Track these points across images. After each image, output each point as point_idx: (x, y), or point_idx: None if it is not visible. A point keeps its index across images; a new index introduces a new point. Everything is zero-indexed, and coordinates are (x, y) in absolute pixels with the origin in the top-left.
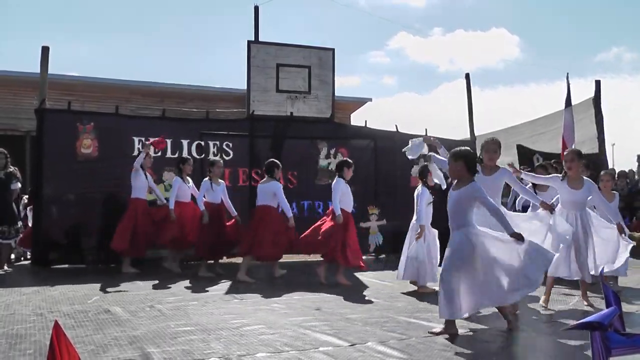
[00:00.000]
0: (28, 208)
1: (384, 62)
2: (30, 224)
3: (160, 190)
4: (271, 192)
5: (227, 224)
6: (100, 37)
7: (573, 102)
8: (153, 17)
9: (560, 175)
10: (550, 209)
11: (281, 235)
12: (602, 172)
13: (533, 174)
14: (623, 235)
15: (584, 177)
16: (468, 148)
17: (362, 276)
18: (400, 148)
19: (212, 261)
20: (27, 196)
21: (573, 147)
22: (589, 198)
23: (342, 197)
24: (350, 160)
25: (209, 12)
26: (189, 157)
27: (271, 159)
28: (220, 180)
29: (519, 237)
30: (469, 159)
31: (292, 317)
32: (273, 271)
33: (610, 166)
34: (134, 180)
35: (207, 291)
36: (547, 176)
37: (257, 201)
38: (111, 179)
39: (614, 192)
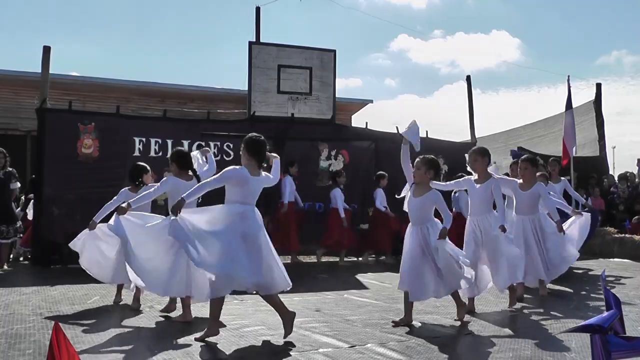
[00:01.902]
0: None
1: (385, 64)
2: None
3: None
4: None
5: None
6: (101, 37)
7: (574, 105)
8: (154, 17)
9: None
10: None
11: None
12: (520, 160)
13: None
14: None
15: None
16: (262, 137)
17: (362, 277)
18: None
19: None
20: (23, 196)
21: (574, 150)
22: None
23: None
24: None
25: (210, 13)
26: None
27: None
28: None
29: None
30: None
31: None
32: None
33: (610, 169)
34: (284, 187)
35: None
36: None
37: None
38: (112, 179)
39: (541, 182)
